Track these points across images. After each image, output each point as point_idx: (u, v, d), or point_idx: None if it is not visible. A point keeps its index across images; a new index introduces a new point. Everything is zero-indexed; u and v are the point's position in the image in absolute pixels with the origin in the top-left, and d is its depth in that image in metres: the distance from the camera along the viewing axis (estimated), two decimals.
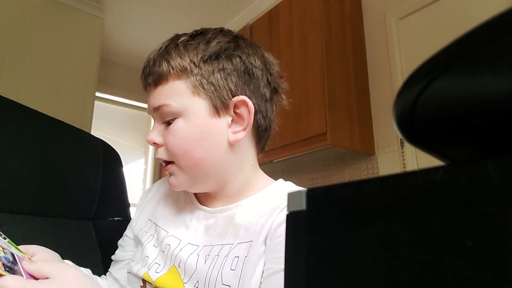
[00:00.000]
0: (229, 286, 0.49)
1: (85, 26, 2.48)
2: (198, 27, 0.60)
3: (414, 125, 0.20)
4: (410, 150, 1.71)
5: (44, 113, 0.80)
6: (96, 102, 2.49)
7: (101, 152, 0.87)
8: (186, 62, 0.54)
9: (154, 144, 0.57)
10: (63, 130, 0.83)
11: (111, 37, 2.90)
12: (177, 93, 0.54)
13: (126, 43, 3.03)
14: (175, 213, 0.64)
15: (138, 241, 0.65)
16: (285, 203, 0.54)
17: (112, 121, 3.41)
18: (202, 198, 0.62)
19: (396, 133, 1.77)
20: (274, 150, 1.88)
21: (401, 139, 1.74)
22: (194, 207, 0.61)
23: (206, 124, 0.54)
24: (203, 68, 0.54)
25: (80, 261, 0.63)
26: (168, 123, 0.55)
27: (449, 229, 0.16)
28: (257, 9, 2.52)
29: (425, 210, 0.17)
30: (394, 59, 1.84)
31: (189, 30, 0.60)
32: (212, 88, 0.54)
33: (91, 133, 0.99)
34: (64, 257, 0.64)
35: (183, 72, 0.54)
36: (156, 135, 0.56)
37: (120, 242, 0.71)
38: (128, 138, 3.55)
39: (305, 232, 0.22)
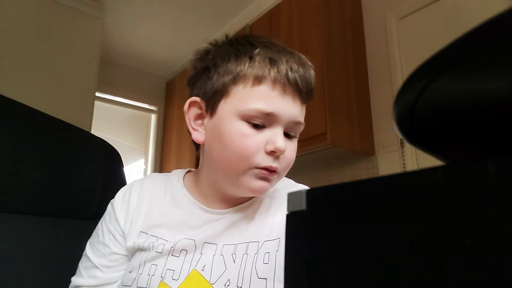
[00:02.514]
0: (266, 279, 0.52)
1: (85, 26, 2.48)
2: (198, 27, 0.60)
3: (414, 125, 0.20)
4: (410, 150, 1.71)
5: (44, 112, 0.80)
6: (96, 102, 2.49)
7: (102, 151, 0.87)
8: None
9: (280, 153, 0.54)
10: (63, 130, 0.83)
11: (111, 37, 2.91)
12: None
13: (126, 43, 3.03)
14: (176, 217, 0.60)
15: (133, 252, 0.60)
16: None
17: (112, 121, 3.41)
18: (202, 200, 0.61)
19: (396, 133, 1.76)
20: None
21: (401, 139, 1.74)
22: (200, 209, 0.60)
23: None
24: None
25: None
26: (288, 136, 0.57)
27: (449, 229, 0.16)
28: (257, 9, 2.52)
29: (425, 210, 0.17)
30: (394, 59, 1.84)
31: (189, 30, 0.61)
32: None
33: (92, 133, 0.99)
34: (64, 257, 0.64)
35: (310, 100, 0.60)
36: (286, 146, 0.55)
37: (103, 263, 0.60)
38: (128, 138, 3.55)
39: (305, 232, 0.22)
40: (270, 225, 0.57)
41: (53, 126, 0.81)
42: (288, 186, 0.66)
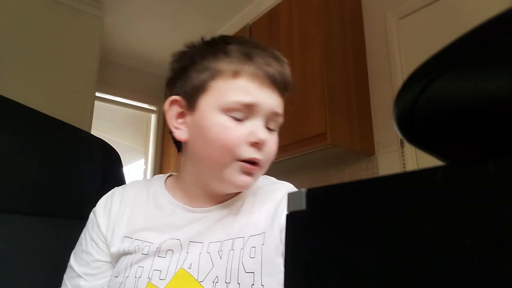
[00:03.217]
0: (253, 272, 0.53)
1: (85, 26, 2.48)
2: (197, 27, 0.61)
3: (414, 125, 0.20)
4: (410, 150, 1.71)
5: (44, 112, 0.80)
6: (96, 102, 2.49)
7: (101, 151, 0.87)
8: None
9: (262, 144, 0.56)
10: (62, 130, 0.83)
11: (110, 37, 2.90)
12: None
13: (126, 43, 3.03)
14: (160, 219, 0.60)
15: (118, 258, 0.59)
16: (284, 197, 0.59)
17: (112, 121, 3.41)
18: (186, 200, 0.62)
19: (396, 133, 1.77)
20: None
21: (401, 139, 1.74)
22: (184, 209, 0.60)
23: None
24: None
25: None
26: (269, 129, 0.58)
27: (449, 229, 0.16)
28: (257, 9, 2.52)
29: (425, 210, 0.17)
30: (394, 59, 1.84)
31: (189, 29, 0.61)
32: None
33: (91, 133, 0.99)
34: (63, 257, 0.64)
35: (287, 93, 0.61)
36: (267, 137, 0.56)
37: (86, 271, 0.60)
38: (128, 138, 3.54)
39: (305, 232, 0.22)
40: (255, 221, 0.58)
41: (52, 126, 0.81)
42: (270, 183, 0.67)
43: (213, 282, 0.53)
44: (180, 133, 0.59)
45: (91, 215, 0.65)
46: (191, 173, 0.62)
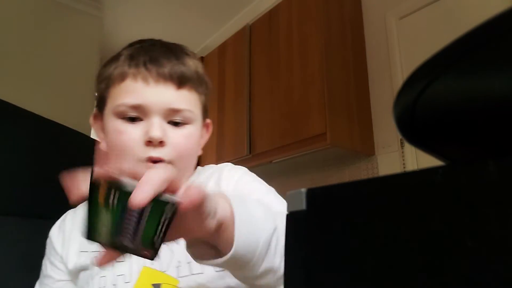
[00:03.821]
0: None
1: (84, 25, 2.47)
2: (197, 27, 0.61)
3: (414, 125, 0.20)
4: (410, 150, 1.71)
5: (42, 113, 0.80)
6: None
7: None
8: (202, 76, 0.61)
9: (160, 142, 0.55)
10: (59, 132, 0.83)
11: (109, 36, 2.90)
12: (194, 102, 0.60)
13: (126, 42, 3.03)
14: None
15: (77, 274, 0.60)
16: (224, 167, 0.63)
17: None
18: None
19: (396, 133, 1.77)
20: (273, 150, 1.88)
21: (401, 139, 1.74)
22: None
23: (199, 136, 0.62)
24: (206, 87, 0.63)
25: None
26: (174, 124, 0.57)
27: (449, 229, 0.16)
28: (257, 9, 2.52)
29: (425, 210, 0.17)
30: (394, 59, 1.84)
31: (189, 29, 0.61)
32: (206, 107, 0.64)
33: (91, 134, 0.99)
34: None
35: (200, 85, 0.61)
36: (163, 133, 0.55)
37: None
38: None
39: (305, 232, 0.22)
40: None
41: (47, 128, 0.81)
42: (209, 175, 0.65)
43: (177, 267, 0.53)
44: (102, 145, 0.61)
45: (48, 240, 0.66)
46: None
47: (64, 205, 0.77)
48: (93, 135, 0.91)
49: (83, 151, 0.86)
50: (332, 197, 0.22)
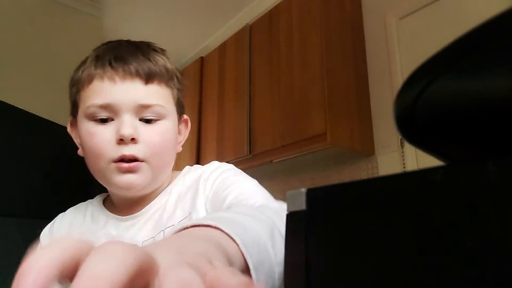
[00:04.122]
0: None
1: (84, 25, 2.48)
2: (197, 27, 0.61)
3: (414, 125, 0.20)
4: (410, 150, 1.71)
5: (42, 113, 0.80)
6: None
7: None
8: (172, 70, 0.60)
9: (132, 140, 0.54)
10: (58, 132, 0.83)
11: (110, 36, 2.90)
12: (165, 97, 0.59)
13: None
14: (95, 232, 0.62)
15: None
16: (203, 173, 0.61)
17: None
18: (118, 212, 0.63)
19: (396, 133, 1.77)
20: (273, 150, 1.88)
21: (401, 139, 1.74)
22: (116, 219, 0.62)
23: (175, 132, 0.61)
24: (178, 81, 0.62)
25: None
26: (146, 121, 0.56)
27: (449, 229, 0.16)
28: (257, 9, 2.52)
29: (425, 210, 0.17)
30: (394, 59, 1.84)
31: (189, 29, 0.61)
32: (180, 102, 0.63)
33: None
34: None
35: (170, 79, 0.60)
36: (134, 130, 0.54)
37: None
38: None
39: (305, 232, 0.22)
40: (181, 206, 0.59)
41: (46, 128, 0.81)
42: (193, 170, 0.65)
43: None
44: (80, 151, 0.61)
45: (40, 242, 0.66)
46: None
47: (63, 205, 0.77)
48: None
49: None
50: (332, 197, 0.22)
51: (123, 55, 0.56)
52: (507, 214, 0.15)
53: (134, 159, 0.54)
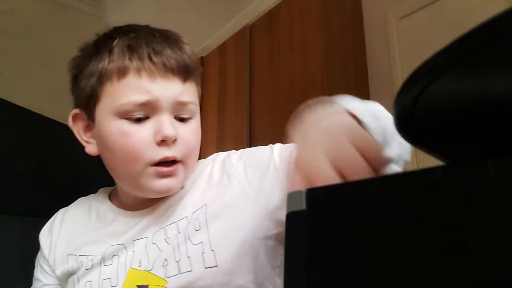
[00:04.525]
0: (201, 242, 0.50)
1: (86, 26, 2.47)
2: (198, 27, 0.60)
3: (414, 125, 0.20)
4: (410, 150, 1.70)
5: (44, 112, 0.80)
6: None
7: None
8: (200, 66, 0.57)
9: (173, 141, 0.50)
10: (59, 130, 0.83)
11: None
12: (196, 94, 0.57)
13: None
14: (101, 230, 0.59)
15: (66, 279, 0.58)
16: (216, 163, 0.59)
17: None
18: (127, 208, 0.59)
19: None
20: None
21: None
22: (125, 215, 0.58)
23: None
24: (201, 77, 0.59)
25: None
26: (181, 120, 0.53)
27: (449, 229, 0.16)
28: (257, 9, 2.52)
29: (425, 210, 0.17)
30: (394, 59, 1.83)
31: (189, 29, 0.61)
32: (200, 99, 0.59)
33: None
34: None
35: (199, 75, 0.57)
36: (176, 130, 0.50)
37: None
38: None
39: (305, 232, 0.22)
40: (195, 196, 0.55)
41: (48, 126, 0.81)
42: (206, 163, 0.61)
43: (163, 266, 0.50)
44: (90, 148, 0.56)
45: (39, 240, 0.64)
46: (118, 185, 0.60)
47: (65, 204, 0.77)
48: None
49: (83, 150, 0.86)
50: (332, 197, 0.22)
51: (161, 48, 0.51)
52: (507, 214, 0.15)
53: (174, 160, 0.51)
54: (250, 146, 2.35)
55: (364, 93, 1.92)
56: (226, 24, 2.79)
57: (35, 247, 0.66)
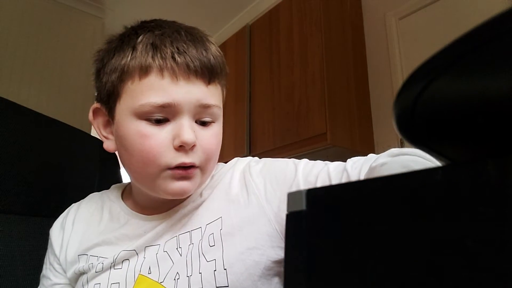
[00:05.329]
0: (214, 259, 0.49)
1: (85, 26, 2.48)
2: (198, 27, 0.58)
3: (414, 125, 0.20)
4: None
5: (44, 112, 0.80)
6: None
7: (97, 151, 0.87)
8: (226, 67, 0.55)
9: (192, 147, 0.49)
10: (60, 130, 0.83)
11: None
12: (220, 97, 0.54)
13: None
14: (114, 231, 0.57)
15: (77, 279, 0.57)
16: (234, 173, 0.57)
17: None
18: (140, 209, 0.58)
19: (396, 133, 1.77)
20: (274, 150, 1.88)
21: (401, 139, 1.74)
22: (139, 218, 0.57)
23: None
24: (226, 79, 0.56)
25: None
26: (202, 123, 0.51)
27: (449, 229, 0.16)
28: (257, 9, 2.52)
29: (425, 210, 0.17)
30: (394, 59, 1.84)
31: None
32: (224, 101, 0.56)
33: (91, 133, 0.99)
34: None
35: (224, 77, 0.55)
36: (195, 136, 0.49)
37: None
38: None
39: (305, 232, 0.22)
40: (211, 208, 0.54)
41: (50, 126, 0.81)
42: (224, 167, 0.60)
43: (175, 279, 0.49)
44: (108, 144, 0.55)
45: (49, 235, 0.62)
46: (133, 185, 0.59)
47: (65, 203, 0.77)
48: (93, 133, 0.91)
49: (84, 150, 0.86)
50: (332, 197, 0.22)
51: (186, 48, 0.49)
52: (507, 214, 0.15)
53: (192, 166, 0.50)
54: (250, 146, 2.33)
55: (364, 93, 1.92)
56: (226, 24, 2.79)
57: (35, 246, 0.66)
